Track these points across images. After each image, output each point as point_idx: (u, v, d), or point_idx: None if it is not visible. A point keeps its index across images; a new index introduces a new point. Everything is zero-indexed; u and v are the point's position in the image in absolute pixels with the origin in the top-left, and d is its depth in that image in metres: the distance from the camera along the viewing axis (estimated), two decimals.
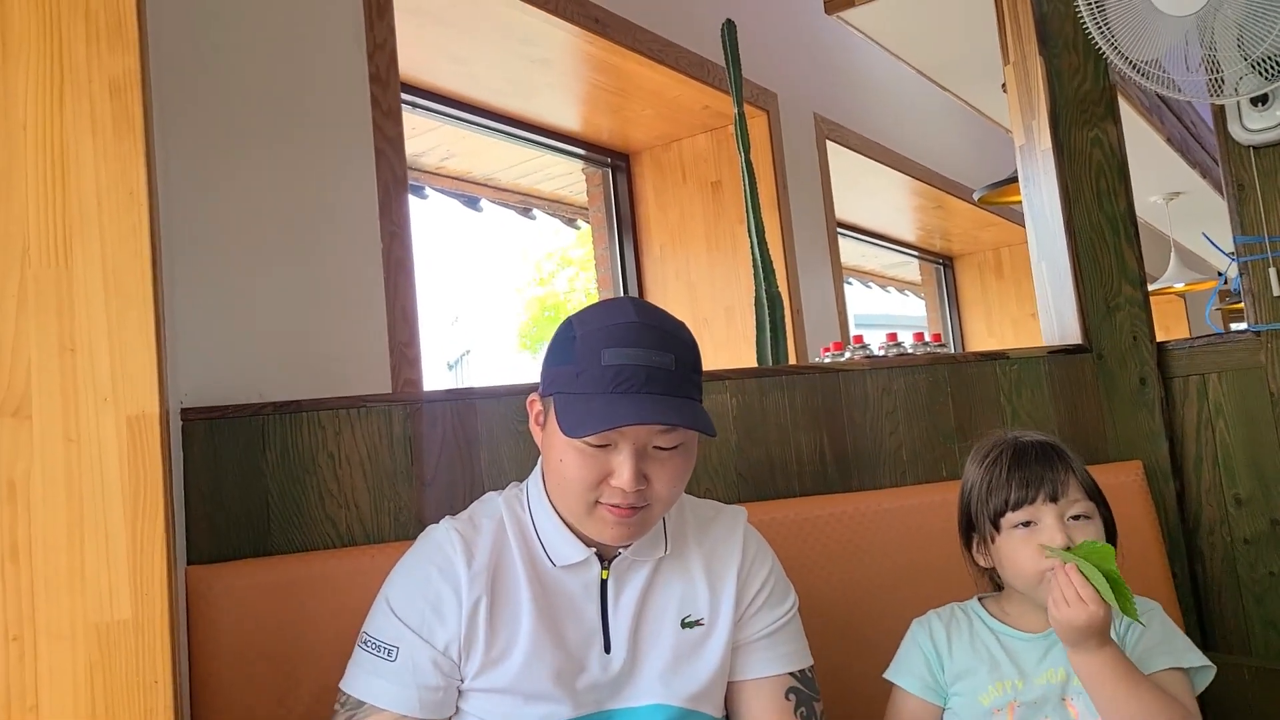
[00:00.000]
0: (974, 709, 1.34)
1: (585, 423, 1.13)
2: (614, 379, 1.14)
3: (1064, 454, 1.35)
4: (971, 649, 1.37)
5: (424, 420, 1.59)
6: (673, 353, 1.18)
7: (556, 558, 1.25)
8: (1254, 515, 1.84)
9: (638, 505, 1.18)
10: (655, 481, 1.18)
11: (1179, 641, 1.32)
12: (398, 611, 1.21)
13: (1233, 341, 1.88)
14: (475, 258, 6.15)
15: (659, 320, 1.21)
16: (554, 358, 1.22)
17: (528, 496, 1.29)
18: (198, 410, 1.48)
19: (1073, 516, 1.31)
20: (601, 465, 1.17)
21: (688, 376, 1.20)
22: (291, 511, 1.52)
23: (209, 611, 1.38)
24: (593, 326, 1.18)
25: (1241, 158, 1.86)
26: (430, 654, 1.20)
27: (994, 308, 6.51)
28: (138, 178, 1.15)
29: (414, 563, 1.26)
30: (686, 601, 1.29)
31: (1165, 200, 5.61)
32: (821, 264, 3.76)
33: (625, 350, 1.15)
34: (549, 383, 1.21)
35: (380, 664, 1.19)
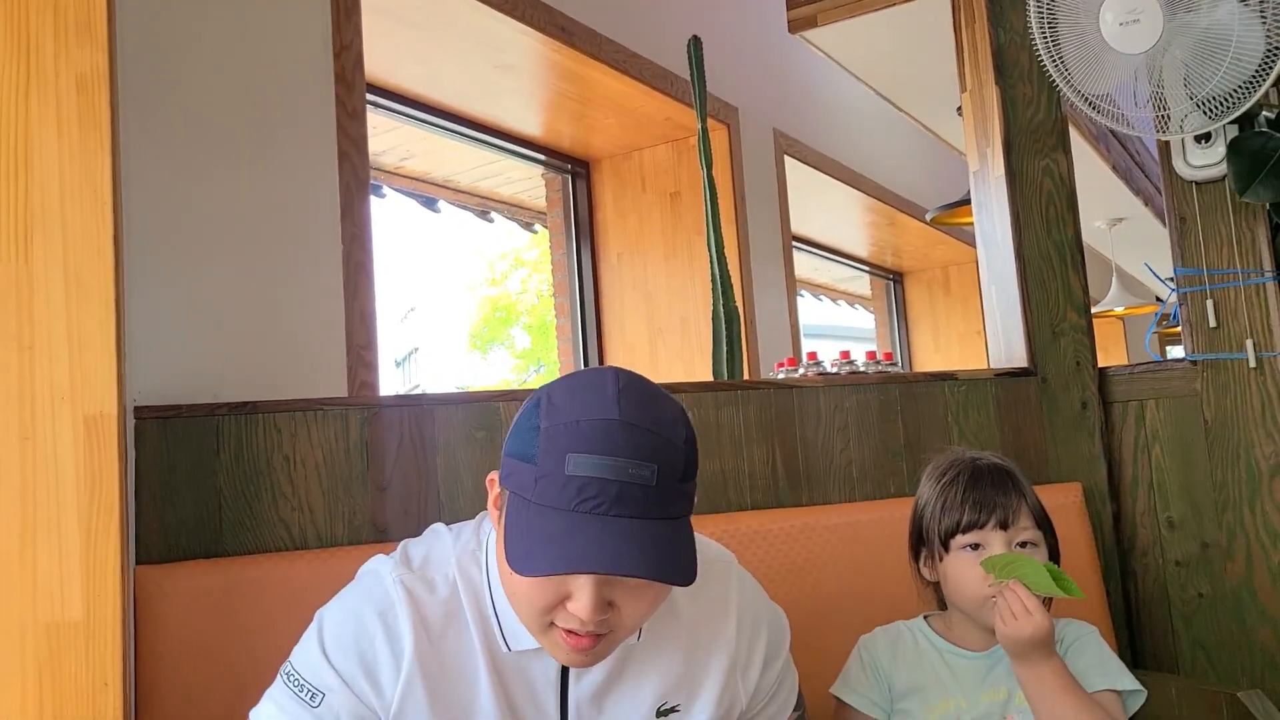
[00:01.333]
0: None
1: (533, 556, 0.95)
2: (577, 495, 0.95)
3: (1017, 480, 1.38)
4: (917, 667, 1.39)
5: (381, 425, 1.59)
6: (655, 462, 0.97)
7: (513, 642, 1.09)
8: (1185, 538, 1.90)
9: (599, 632, 1.01)
10: (624, 609, 1.00)
11: (1113, 664, 1.35)
12: (330, 655, 1.07)
13: (1170, 370, 1.95)
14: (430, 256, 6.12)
15: (645, 415, 0.99)
16: (515, 444, 1.02)
17: (487, 563, 1.11)
18: (151, 409, 1.47)
19: (1020, 544, 1.34)
20: (556, 590, 0.99)
21: (672, 492, 0.99)
22: (244, 513, 1.51)
23: (157, 613, 1.37)
24: (562, 419, 0.98)
25: (1184, 192, 1.93)
26: (358, 711, 1.06)
27: (941, 324, 6.63)
28: (102, 175, 1.14)
29: (358, 606, 1.10)
30: (663, 687, 1.14)
31: (1108, 225, 5.76)
32: (776, 277, 3.80)
33: (595, 458, 0.95)
34: (506, 474, 1.03)
35: (298, 707, 1.06)
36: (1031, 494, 1.39)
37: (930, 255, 6.29)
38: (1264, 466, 1.81)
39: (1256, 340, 1.83)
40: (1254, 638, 1.80)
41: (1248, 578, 1.82)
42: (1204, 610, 1.87)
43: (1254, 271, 1.85)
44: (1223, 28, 1.71)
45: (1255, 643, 1.80)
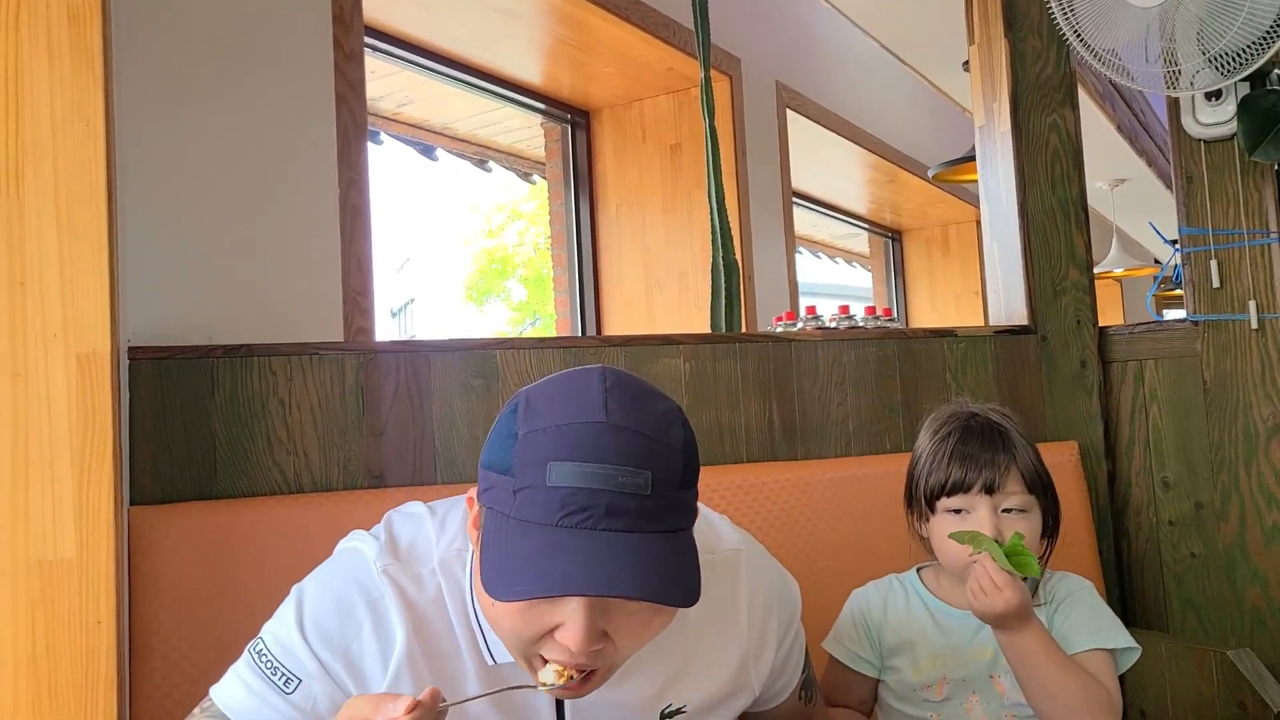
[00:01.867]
0: (906, 683, 1.37)
1: (512, 578, 0.85)
2: (561, 508, 0.84)
3: (1010, 440, 1.34)
4: (906, 623, 1.39)
5: (377, 371, 1.58)
6: (649, 468, 0.86)
7: (499, 656, 1.00)
8: (1179, 498, 1.91)
9: (592, 665, 0.90)
10: (619, 639, 0.90)
11: (1106, 621, 1.33)
12: (310, 639, 0.97)
13: (1171, 330, 1.94)
14: (426, 205, 6.08)
15: (636, 416, 0.89)
16: (491, 454, 0.92)
17: (471, 575, 1.00)
18: (146, 350, 1.46)
19: (1006, 509, 1.31)
20: (542, 619, 0.88)
21: (669, 501, 0.88)
22: (238, 456, 1.50)
23: (150, 553, 1.37)
24: (542, 424, 0.88)
25: (1192, 150, 1.91)
26: (337, 700, 0.96)
27: (939, 283, 6.61)
28: (95, 109, 1.12)
29: (343, 590, 1.00)
30: (666, 689, 1.05)
31: (1110, 186, 5.73)
32: (775, 232, 3.78)
33: (582, 467, 0.85)
34: (483, 489, 0.93)
35: (269, 690, 0.97)
36: (1027, 454, 1.34)
37: (930, 214, 6.25)
38: (1261, 428, 1.81)
39: (1259, 301, 1.82)
40: (1244, 598, 1.81)
41: (1240, 538, 1.82)
42: (1195, 570, 1.88)
43: (1259, 232, 1.84)
44: None
45: (1245, 602, 1.81)
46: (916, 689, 1.35)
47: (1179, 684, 1.73)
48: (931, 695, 1.34)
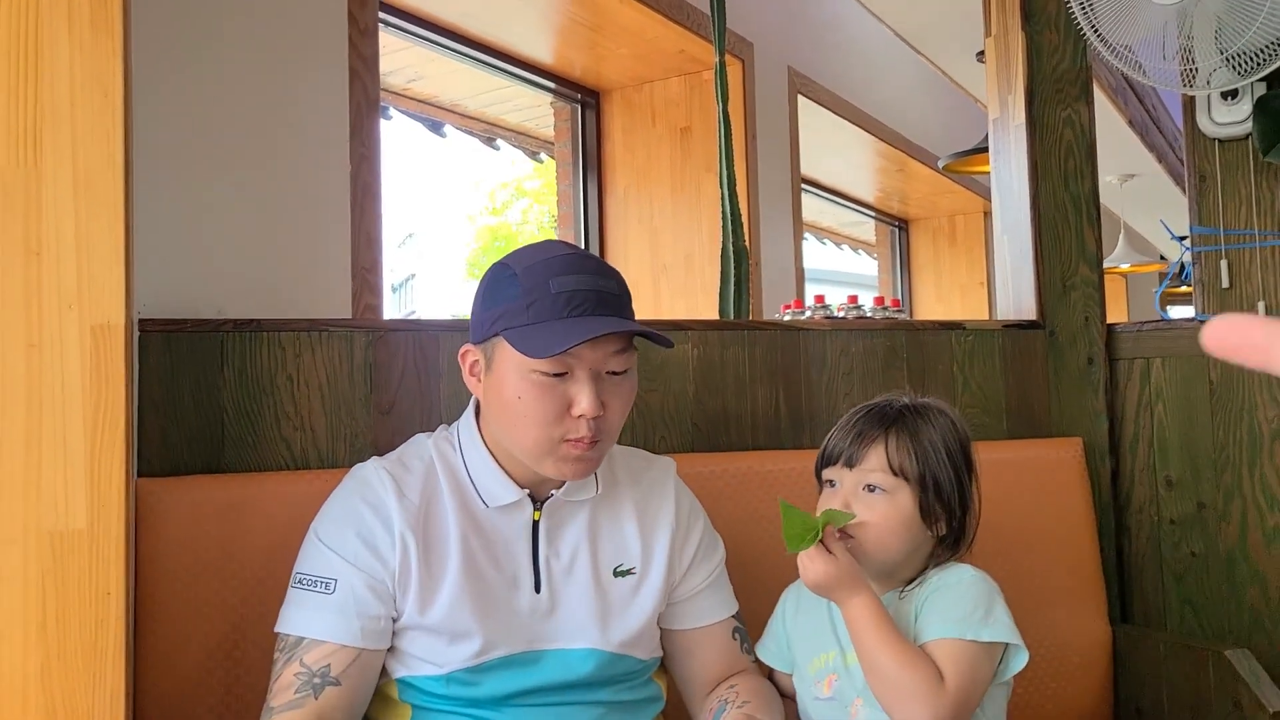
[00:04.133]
0: (803, 678, 1.34)
1: (549, 344, 1.13)
2: (568, 303, 1.15)
3: (896, 422, 1.29)
4: (811, 618, 1.35)
5: (385, 348, 1.58)
6: (613, 278, 1.21)
7: (489, 499, 1.25)
8: (1182, 497, 1.91)
9: (597, 437, 1.19)
10: (609, 408, 1.20)
11: (977, 614, 1.23)
12: (331, 545, 1.20)
13: (1179, 329, 1.93)
14: (432, 182, 6.07)
15: (589, 252, 1.26)
16: (493, 298, 1.20)
17: (459, 438, 1.29)
18: (156, 322, 1.46)
19: (866, 486, 1.27)
20: (560, 395, 1.17)
21: (629, 302, 1.23)
22: (246, 431, 1.50)
23: (157, 525, 1.37)
24: (531, 261, 1.19)
25: (1206, 149, 1.90)
26: (369, 582, 1.19)
27: (944, 274, 6.60)
28: (114, 77, 1.11)
29: (344, 499, 1.25)
30: (619, 550, 1.31)
31: (1120, 181, 5.71)
32: (784, 218, 3.77)
33: (574, 277, 1.17)
34: (490, 324, 1.20)
35: (318, 598, 1.18)
36: (908, 441, 1.28)
37: (937, 204, 6.24)
38: (1266, 430, 1.81)
39: (1269, 302, 1.82)
40: (1243, 598, 1.82)
41: (1241, 539, 1.83)
42: (1195, 569, 1.88)
43: (1271, 233, 1.84)
44: None
45: (1244, 603, 1.82)
46: (812, 683, 1.32)
47: (1176, 682, 1.74)
48: (821, 693, 1.30)
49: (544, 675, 1.24)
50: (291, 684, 1.16)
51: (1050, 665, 1.79)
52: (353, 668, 1.17)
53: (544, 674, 1.24)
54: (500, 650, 1.23)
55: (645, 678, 1.34)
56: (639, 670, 1.32)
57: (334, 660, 1.16)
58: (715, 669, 1.36)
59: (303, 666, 1.16)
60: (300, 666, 1.16)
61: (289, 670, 1.17)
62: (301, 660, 1.17)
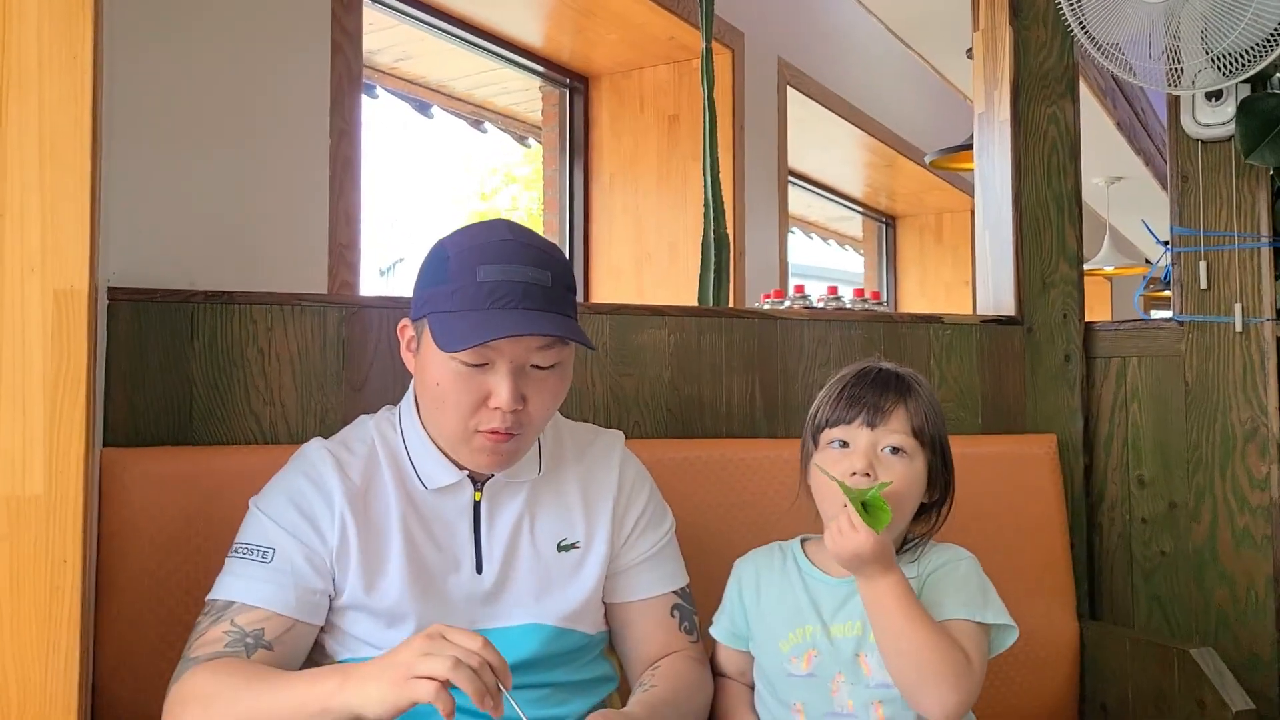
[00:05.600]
0: (773, 655, 1.30)
1: (463, 337, 1.12)
2: (490, 294, 1.13)
3: (908, 387, 1.29)
4: (779, 591, 1.32)
5: (359, 325, 1.57)
6: (549, 270, 1.17)
7: (428, 481, 1.25)
8: (1154, 496, 1.92)
9: (513, 430, 1.18)
10: (531, 402, 1.18)
11: (978, 595, 1.25)
12: (271, 515, 1.20)
13: (1156, 329, 1.94)
14: (420, 164, 6.02)
15: (533, 239, 1.21)
16: (426, 279, 1.20)
17: (400, 419, 1.29)
18: (125, 291, 1.44)
19: (886, 448, 1.26)
20: (478, 386, 1.16)
21: (564, 294, 1.19)
22: (215, 404, 1.49)
23: (122, 495, 1.36)
24: (466, 245, 1.17)
25: (1189, 150, 1.90)
26: (307, 554, 1.18)
27: (930, 271, 6.61)
28: (83, 40, 1.10)
29: (287, 475, 1.25)
30: (562, 525, 1.30)
31: (1106, 183, 5.73)
32: (769, 210, 3.76)
33: (501, 266, 1.14)
34: (421, 304, 1.19)
35: (253, 566, 1.17)
36: (922, 406, 1.28)
37: (925, 200, 6.24)
38: (1239, 431, 1.82)
39: (1245, 305, 1.82)
40: (1211, 598, 1.83)
41: (1211, 539, 1.84)
42: (1164, 568, 1.89)
43: (1250, 236, 1.84)
44: None
45: (1212, 602, 1.83)
46: (784, 660, 1.28)
47: (1141, 679, 1.75)
48: (798, 670, 1.27)
49: None
50: (220, 639, 1.12)
51: (1018, 660, 1.79)
52: (286, 637, 1.15)
53: None
54: None
55: (594, 655, 1.33)
56: (585, 646, 1.30)
57: (268, 626, 1.14)
58: (651, 645, 1.34)
59: (234, 626, 1.13)
60: (231, 625, 1.13)
61: (217, 628, 1.13)
62: (233, 620, 1.14)
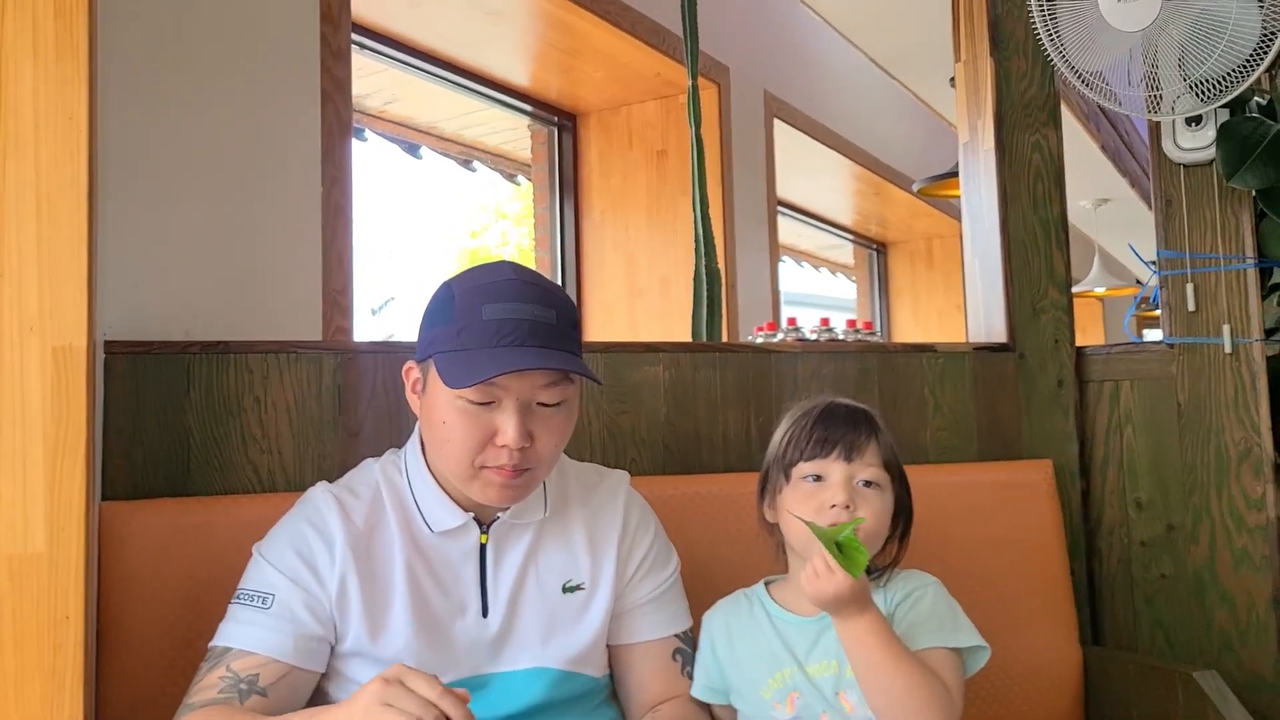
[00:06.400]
0: (756, 703, 1.29)
1: (469, 373, 1.12)
2: (496, 333, 1.14)
3: (873, 421, 1.31)
4: (752, 638, 1.31)
5: (355, 371, 1.57)
6: (554, 308, 1.19)
7: (434, 524, 1.25)
8: (1152, 519, 1.92)
9: (522, 467, 1.18)
10: (539, 440, 1.18)
11: (949, 620, 1.25)
12: (273, 562, 1.20)
13: (1148, 351, 1.95)
14: (410, 204, 6.05)
15: (538, 279, 1.23)
16: (431, 320, 1.21)
17: (405, 463, 1.29)
18: (122, 344, 1.45)
19: (863, 481, 1.26)
20: (485, 424, 1.17)
21: (569, 332, 1.21)
22: (212, 453, 1.49)
23: (121, 549, 1.36)
24: (471, 285, 1.19)
25: (1172, 174, 1.93)
26: (306, 600, 1.18)
27: (922, 296, 6.64)
28: (79, 102, 1.11)
29: (290, 522, 1.25)
30: (568, 566, 1.30)
31: (1094, 206, 5.77)
32: (760, 241, 3.79)
33: (506, 305, 1.15)
34: (427, 345, 1.20)
35: (253, 613, 1.17)
36: (887, 440, 1.30)
37: (914, 227, 6.28)
38: (1233, 452, 1.83)
39: (1234, 326, 1.84)
40: (1212, 620, 1.83)
41: (1210, 561, 1.84)
42: (1165, 591, 1.89)
43: (1236, 257, 1.86)
44: (1220, 9, 1.69)
45: (1213, 625, 1.83)
46: (768, 707, 1.27)
47: (1144, 704, 1.74)
48: (782, 714, 1.26)
49: (493, 703, 1.22)
50: (215, 684, 1.13)
51: (1021, 687, 1.79)
52: (282, 683, 1.15)
53: (493, 702, 1.22)
54: (446, 677, 1.16)
55: (600, 700, 1.32)
56: (592, 691, 1.30)
57: (263, 672, 1.14)
58: (651, 690, 1.33)
59: (229, 671, 1.14)
60: (226, 671, 1.14)
61: (214, 674, 1.14)
62: (229, 666, 1.14)
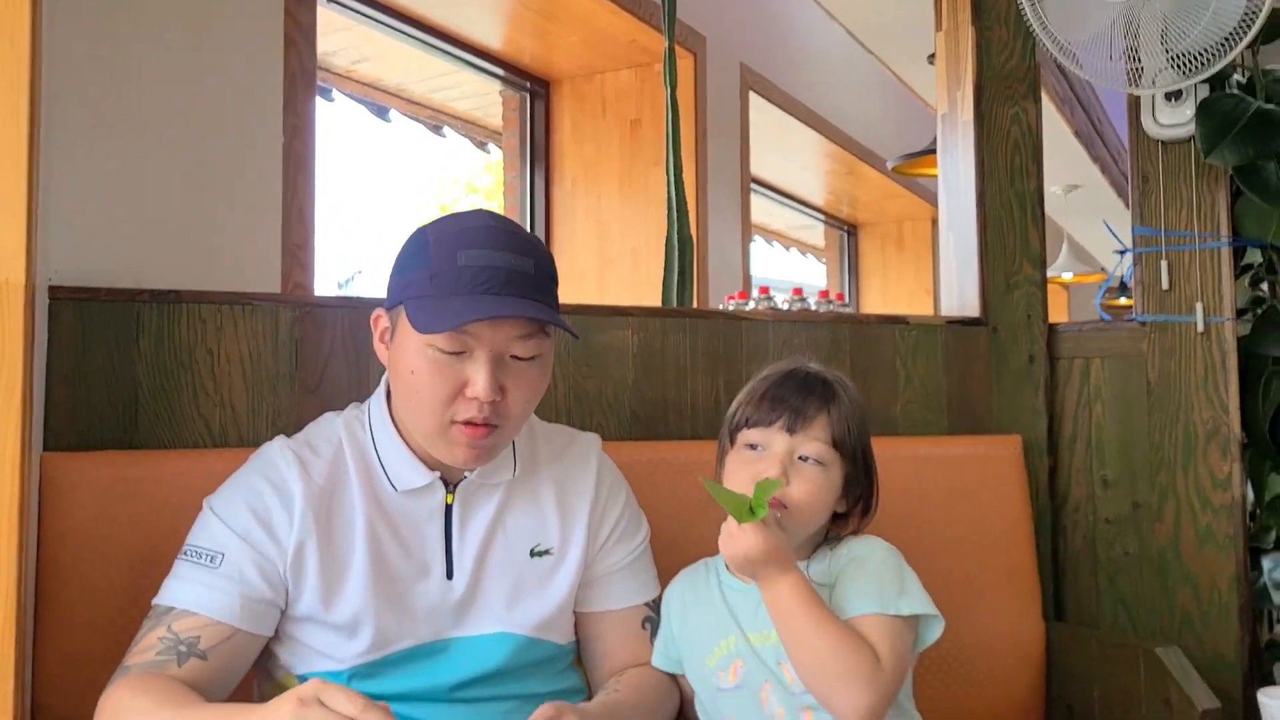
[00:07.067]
0: (702, 671, 1.27)
1: (441, 319, 1.08)
2: (471, 280, 1.10)
3: (834, 394, 1.25)
4: (703, 606, 1.29)
5: (313, 325, 1.52)
6: (532, 259, 1.15)
7: (399, 482, 1.21)
8: (1118, 497, 1.91)
9: (492, 422, 1.14)
10: (510, 394, 1.14)
11: (894, 588, 1.20)
12: (225, 519, 1.16)
13: (1119, 329, 1.94)
14: (379, 173, 5.97)
15: (517, 228, 1.19)
16: (404, 265, 1.16)
17: (369, 418, 1.24)
18: (68, 290, 1.39)
19: (801, 456, 1.22)
20: (455, 375, 1.12)
21: (547, 285, 1.16)
22: (162, 406, 1.44)
23: (63, 502, 1.30)
24: (447, 230, 1.15)
25: (1149, 150, 1.91)
26: (258, 561, 1.14)
27: (891, 279, 6.64)
28: (20, 26, 1.05)
29: (245, 476, 1.20)
30: (536, 531, 1.26)
31: (1064, 192, 5.79)
32: (732, 215, 3.75)
33: (483, 252, 1.11)
34: (398, 291, 1.15)
35: (200, 571, 1.13)
36: (845, 414, 1.25)
37: (886, 208, 6.27)
38: (1201, 431, 1.82)
39: (1206, 304, 1.83)
40: (1175, 597, 1.83)
41: (1174, 539, 1.83)
42: (1129, 568, 1.89)
43: (1210, 235, 1.85)
44: None
45: (1175, 602, 1.82)
46: (712, 675, 1.25)
47: (1107, 680, 1.74)
48: (725, 682, 1.24)
49: (453, 668, 1.19)
50: (154, 645, 1.09)
51: (984, 662, 1.78)
52: (224, 646, 1.11)
53: (453, 666, 1.19)
54: (405, 642, 1.17)
55: (564, 665, 1.30)
56: (556, 656, 1.27)
57: (205, 634, 1.10)
58: (618, 657, 1.31)
59: (169, 632, 1.10)
60: (167, 632, 1.10)
61: (153, 634, 1.11)
62: (170, 626, 1.11)
